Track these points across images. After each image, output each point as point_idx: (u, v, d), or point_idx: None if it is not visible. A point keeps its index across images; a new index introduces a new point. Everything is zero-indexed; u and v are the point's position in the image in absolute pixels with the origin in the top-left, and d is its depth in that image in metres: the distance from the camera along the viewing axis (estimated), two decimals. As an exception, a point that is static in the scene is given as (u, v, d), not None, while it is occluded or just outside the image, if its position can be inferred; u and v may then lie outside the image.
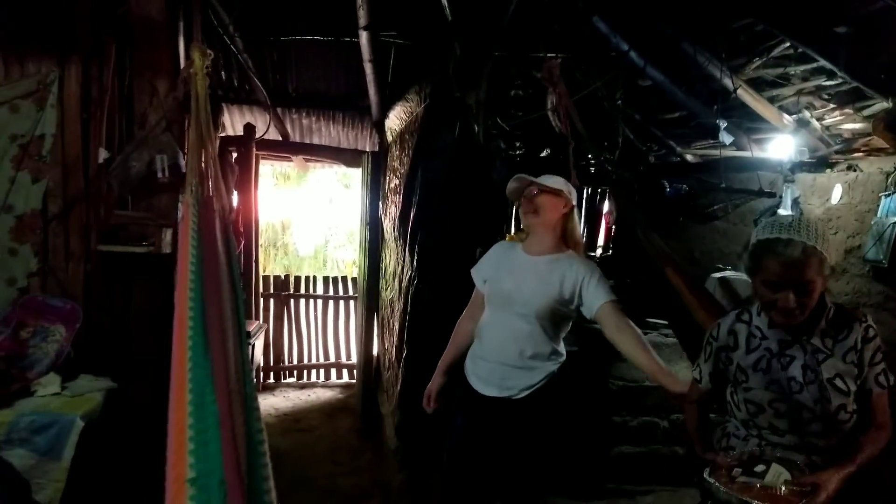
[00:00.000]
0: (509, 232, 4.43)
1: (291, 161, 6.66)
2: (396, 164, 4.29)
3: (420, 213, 3.57)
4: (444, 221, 3.48)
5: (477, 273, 2.71)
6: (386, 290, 4.62)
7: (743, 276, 3.83)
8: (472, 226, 3.59)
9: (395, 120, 4.38)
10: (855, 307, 3.76)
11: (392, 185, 4.41)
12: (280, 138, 6.10)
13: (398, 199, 4.04)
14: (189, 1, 3.62)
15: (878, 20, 3.00)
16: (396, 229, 4.07)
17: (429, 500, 3.62)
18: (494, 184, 3.96)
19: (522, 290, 2.48)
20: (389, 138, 4.84)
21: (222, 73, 5.34)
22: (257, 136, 5.85)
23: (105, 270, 3.53)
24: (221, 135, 5.73)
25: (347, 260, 12.21)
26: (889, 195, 3.68)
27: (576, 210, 2.60)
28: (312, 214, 11.50)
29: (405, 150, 4.01)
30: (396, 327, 3.94)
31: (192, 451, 1.42)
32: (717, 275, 3.84)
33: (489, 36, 3.68)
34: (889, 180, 3.73)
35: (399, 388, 3.75)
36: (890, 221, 3.60)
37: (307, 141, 6.23)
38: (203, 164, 2.17)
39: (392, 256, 4.38)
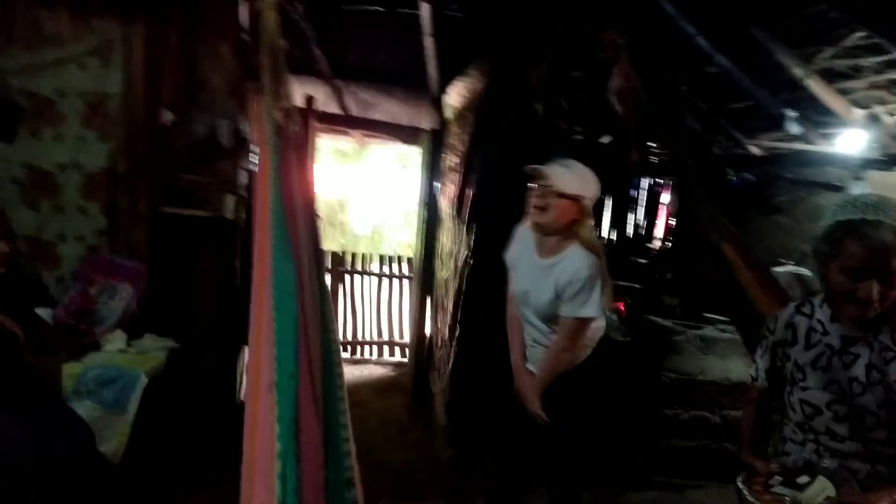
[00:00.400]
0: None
1: (349, 136, 6.71)
2: (455, 141, 4.28)
3: (478, 193, 3.57)
4: (501, 202, 3.46)
5: (508, 259, 2.65)
6: (441, 269, 4.64)
7: (805, 270, 3.71)
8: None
9: (456, 97, 4.37)
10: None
11: (450, 164, 4.41)
12: (339, 112, 6.13)
13: (456, 178, 4.05)
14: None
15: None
16: (454, 209, 4.08)
17: (475, 476, 3.65)
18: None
19: (533, 294, 2.45)
20: (449, 115, 4.83)
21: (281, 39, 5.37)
22: (318, 107, 5.89)
23: (170, 233, 3.62)
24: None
25: (403, 241, 12.27)
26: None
27: (592, 218, 2.44)
28: (370, 193, 11.56)
29: (465, 128, 4.01)
30: (450, 307, 3.96)
31: (276, 356, 1.41)
32: (781, 269, 3.73)
33: (553, 13, 3.63)
34: (968, 179, 3.55)
35: (451, 366, 3.78)
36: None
37: (365, 116, 6.25)
38: (277, 92, 2.15)
39: (448, 236, 4.39)
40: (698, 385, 3.90)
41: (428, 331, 5.48)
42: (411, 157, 11.47)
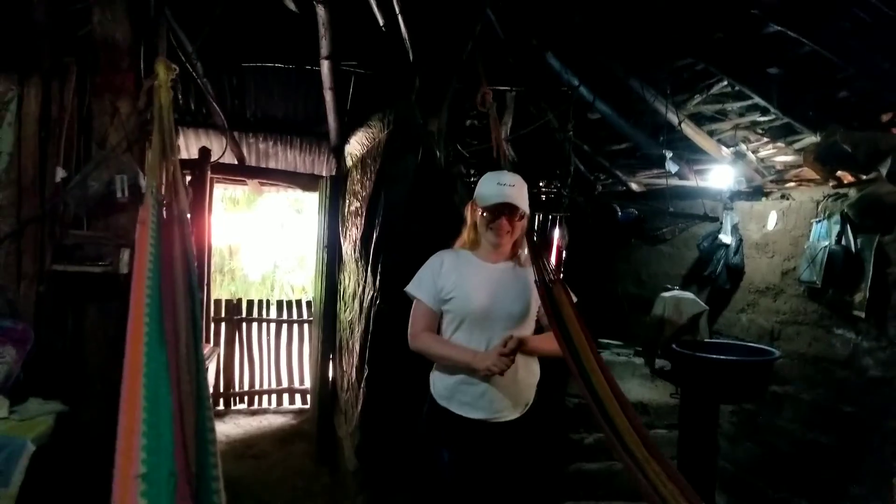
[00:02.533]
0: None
1: (246, 185, 6.67)
2: (357, 187, 4.37)
3: (383, 235, 3.65)
4: (406, 243, 3.56)
5: (425, 289, 2.53)
6: (344, 311, 4.66)
7: (689, 294, 4.03)
8: (433, 248, 3.68)
9: (356, 145, 4.47)
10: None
11: (352, 209, 4.48)
12: (236, 162, 6.11)
13: (360, 221, 4.11)
14: (152, 24, 3.68)
15: (806, 62, 3.27)
16: (358, 251, 4.14)
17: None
18: (455, 207, 4.10)
19: (502, 301, 2.42)
20: (349, 163, 4.92)
21: (179, 96, 5.36)
22: (213, 159, 5.85)
23: (58, 291, 3.48)
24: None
25: (297, 284, 12.13)
26: (819, 221, 3.94)
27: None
28: (262, 239, 11.39)
29: (367, 174, 4.09)
30: (357, 348, 3.98)
31: (144, 447, 1.44)
32: (667, 294, 4.03)
33: (450, 67, 3.82)
34: (819, 208, 4.00)
35: (360, 408, 3.78)
36: (821, 245, 3.86)
37: (263, 165, 6.26)
38: (165, 175, 2.21)
39: (351, 278, 4.43)
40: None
41: (331, 374, 5.45)
42: (305, 201, 11.47)
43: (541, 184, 6.22)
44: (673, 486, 2.24)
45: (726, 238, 4.52)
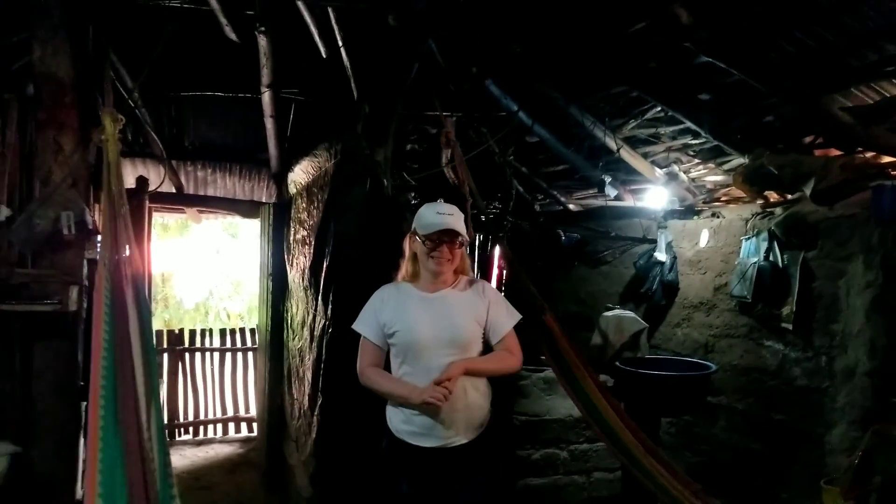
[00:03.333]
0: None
1: (185, 213, 6.58)
2: (304, 216, 4.40)
3: (333, 264, 3.70)
4: (357, 272, 3.62)
5: (367, 325, 2.61)
6: (293, 339, 4.67)
7: (629, 313, 4.23)
8: (383, 276, 3.76)
9: (301, 173, 4.51)
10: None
11: (299, 237, 4.51)
12: (174, 190, 6.04)
13: (308, 250, 4.15)
14: (93, 58, 3.67)
15: (734, 90, 3.52)
16: (307, 279, 4.17)
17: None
18: (404, 235, 4.19)
19: (446, 328, 2.47)
20: (293, 191, 4.95)
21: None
22: (151, 188, 5.76)
23: (4, 330, 3.40)
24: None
25: (234, 311, 11.95)
26: (748, 238, 4.21)
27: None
28: (196, 266, 11.18)
29: (314, 202, 4.14)
30: (309, 376, 4.01)
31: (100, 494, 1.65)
32: (609, 313, 4.22)
33: (394, 96, 3.93)
34: (748, 225, 4.28)
35: (314, 435, 3.81)
36: (751, 262, 4.12)
37: (201, 193, 6.18)
38: (115, 232, 2.26)
39: (300, 306, 4.46)
40: (546, 424, 4.20)
41: (280, 402, 5.43)
42: (241, 226, 11.32)
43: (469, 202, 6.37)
44: (675, 482, 2.49)
45: (661, 256, 4.77)
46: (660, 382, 3.47)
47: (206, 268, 11.39)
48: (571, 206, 5.87)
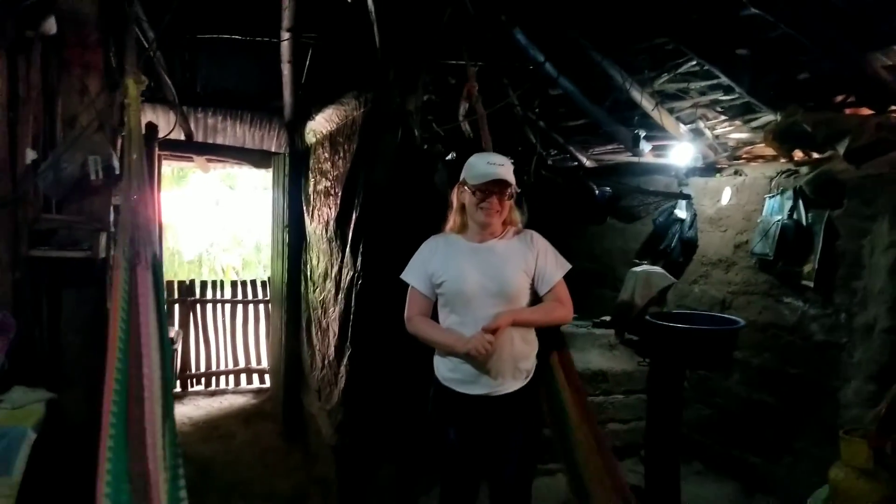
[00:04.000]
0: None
1: (193, 161, 6.49)
2: (326, 166, 4.35)
3: (363, 216, 3.68)
4: (388, 224, 3.61)
5: (416, 275, 2.61)
6: (314, 291, 4.66)
7: (658, 269, 4.26)
8: (414, 227, 3.74)
9: (323, 122, 4.44)
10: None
11: (321, 188, 4.47)
12: (183, 138, 5.93)
13: (333, 201, 4.11)
14: None
15: (774, 45, 3.48)
16: (331, 231, 4.14)
17: (372, 492, 3.76)
18: (436, 186, 4.16)
19: (494, 278, 2.47)
20: (312, 140, 4.88)
21: (123, 68, 5.15)
22: (161, 135, 5.66)
23: (34, 277, 3.37)
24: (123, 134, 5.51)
25: (230, 264, 11.86)
26: (772, 196, 4.22)
27: None
28: (195, 217, 11.05)
29: (339, 153, 4.09)
30: (335, 327, 4.01)
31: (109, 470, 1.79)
32: (638, 269, 4.24)
33: (424, 44, 3.85)
34: (772, 184, 4.28)
35: (343, 385, 3.84)
36: (774, 220, 4.14)
37: (210, 141, 6.08)
38: (135, 208, 2.22)
39: (322, 258, 4.44)
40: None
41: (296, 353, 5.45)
42: (239, 178, 11.20)
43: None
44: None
45: (681, 213, 4.77)
46: (692, 336, 3.50)
47: (206, 219, 11.25)
48: (587, 162, 5.84)
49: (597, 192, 5.20)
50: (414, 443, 3.94)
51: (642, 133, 4.36)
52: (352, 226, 3.78)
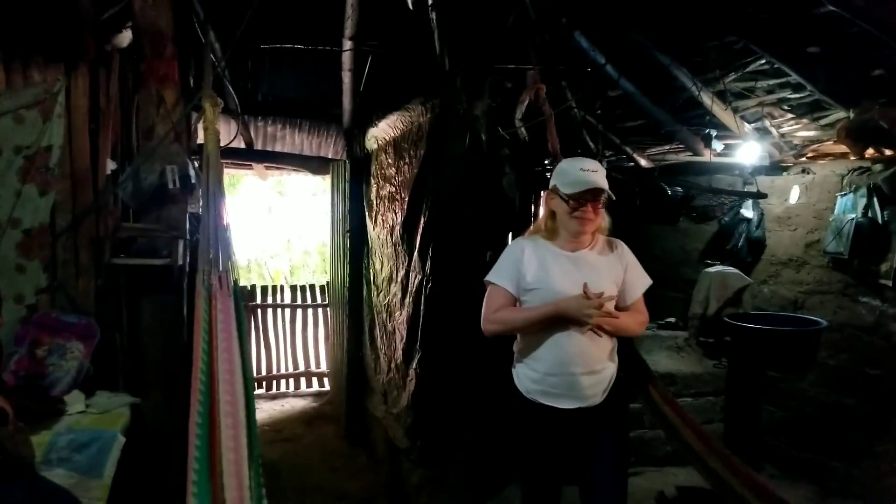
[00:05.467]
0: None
1: (252, 169, 6.60)
2: (390, 171, 4.39)
3: (432, 220, 3.69)
4: (457, 227, 3.63)
5: (506, 276, 2.49)
6: (378, 295, 4.70)
7: (733, 269, 4.18)
8: (482, 231, 3.75)
9: (386, 129, 4.48)
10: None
11: (384, 193, 4.50)
12: (243, 146, 6.04)
13: (399, 206, 4.14)
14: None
15: (848, 42, 3.40)
16: (397, 235, 4.17)
17: (446, 494, 3.77)
18: (503, 191, 4.17)
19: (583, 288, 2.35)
20: (373, 146, 4.93)
21: (192, 79, 5.28)
22: (223, 144, 5.77)
23: (114, 284, 3.47)
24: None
25: (279, 269, 12.02)
26: (844, 195, 4.12)
27: None
28: (248, 223, 11.24)
29: (404, 158, 4.12)
30: (403, 331, 4.03)
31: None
32: (712, 269, 4.17)
33: (489, 49, 3.86)
34: (844, 182, 4.18)
35: (413, 389, 3.86)
36: (848, 218, 4.04)
37: (269, 148, 6.18)
38: (213, 230, 2.25)
39: (387, 262, 4.47)
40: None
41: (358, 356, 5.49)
42: (290, 184, 11.36)
43: (546, 162, 6.32)
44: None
45: (748, 212, 4.68)
46: (775, 337, 3.43)
47: (258, 226, 11.43)
48: (643, 163, 5.77)
49: (669, 192, 5.12)
50: (483, 446, 3.94)
51: (714, 133, 4.29)
52: (420, 230, 3.80)
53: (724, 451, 2.60)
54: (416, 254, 3.87)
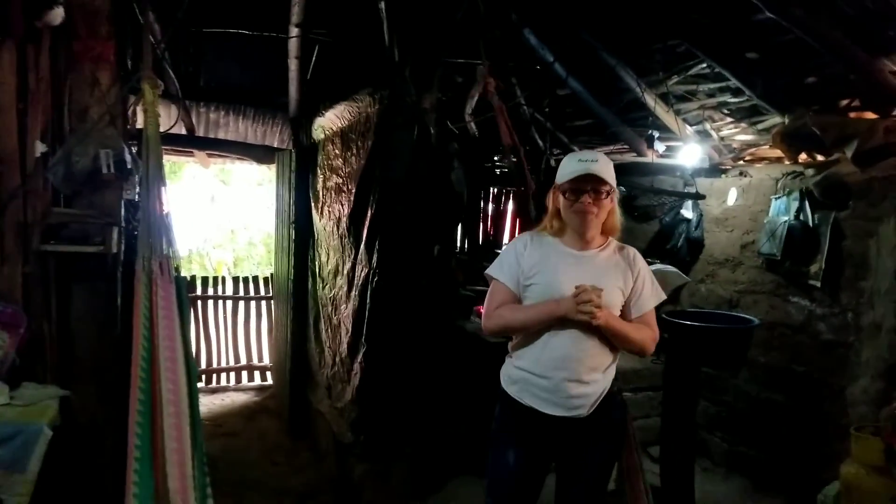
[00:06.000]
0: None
1: (193, 156, 6.43)
2: (337, 162, 4.33)
3: (379, 213, 3.66)
4: (404, 221, 3.61)
5: (506, 271, 2.39)
6: (324, 288, 4.64)
7: (672, 268, 4.28)
8: (430, 225, 3.74)
9: (334, 119, 4.41)
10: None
11: (331, 184, 4.44)
12: (184, 132, 5.87)
13: (346, 198, 4.09)
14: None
15: (784, 49, 3.51)
16: (343, 228, 4.12)
17: (390, 489, 3.75)
18: (451, 184, 4.16)
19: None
20: (320, 136, 4.85)
21: (129, 61, 5.11)
22: (163, 129, 5.59)
23: (43, 272, 3.32)
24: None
25: (222, 261, 11.75)
26: (778, 198, 4.26)
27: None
28: (189, 213, 10.94)
29: (351, 149, 4.07)
30: (348, 324, 3.99)
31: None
32: (652, 267, 4.24)
33: (439, 42, 3.84)
34: (778, 185, 4.32)
35: (358, 383, 3.82)
36: (781, 220, 4.18)
37: (212, 136, 6.03)
38: (152, 212, 2.19)
39: (333, 255, 4.41)
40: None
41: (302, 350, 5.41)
42: (234, 174, 11.12)
43: (495, 158, 6.36)
44: None
45: (688, 213, 4.80)
46: (710, 334, 3.53)
47: (200, 215, 11.13)
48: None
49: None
50: (428, 441, 3.94)
51: (657, 134, 4.38)
52: (367, 223, 3.77)
53: None
54: (362, 246, 3.83)
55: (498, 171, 6.41)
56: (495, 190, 6.60)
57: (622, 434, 2.53)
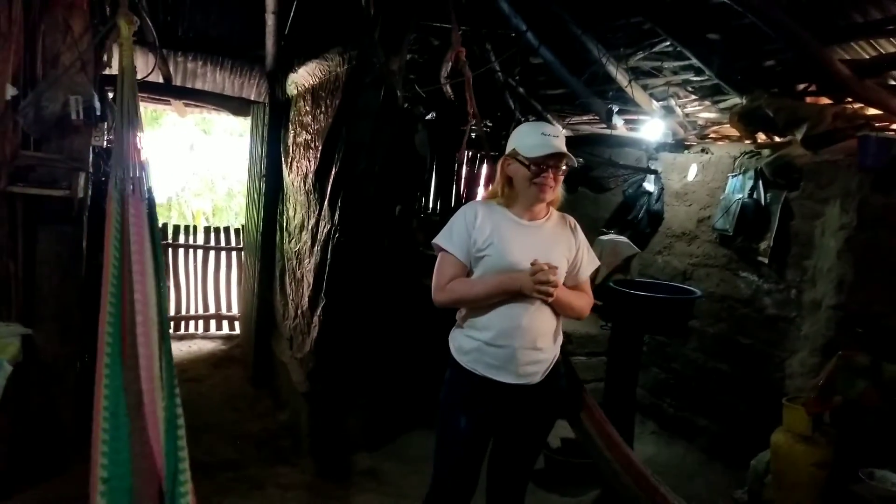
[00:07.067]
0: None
1: (170, 105, 6.44)
2: (307, 119, 4.39)
3: (343, 171, 3.75)
4: (367, 180, 3.70)
5: (456, 241, 2.36)
6: (290, 241, 4.74)
7: (624, 238, 4.42)
8: (393, 185, 3.85)
9: (306, 76, 4.46)
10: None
11: (301, 140, 4.51)
12: (161, 80, 5.88)
13: (313, 154, 4.17)
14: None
15: (742, 33, 3.61)
16: (310, 184, 4.21)
17: (344, 438, 3.93)
18: (415, 146, 4.24)
19: (540, 259, 2.27)
20: (294, 92, 4.90)
21: (107, 7, 5.09)
22: (139, 76, 5.60)
23: (10, 213, 3.40)
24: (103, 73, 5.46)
25: (201, 209, 11.76)
26: (735, 175, 4.40)
27: None
28: (168, 161, 10.90)
29: (321, 107, 4.14)
30: (310, 278, 4.11)
31: (104, 454, 1.79)
32: (605, 237, 4.40)
33: (412, 5, 3.88)
34: (736, 163, 4.46)
35: (315, 335, 3.95)
36: (735, 197, 4.32)
37: (189, 85, 6.03)
38: (127, 144, 2.25)
39: (299, 209, 4.51)
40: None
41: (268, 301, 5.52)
42: (215, 123, 11.08)
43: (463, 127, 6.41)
44: None
45: (649, 186, 4.93)
46: (651, 304, 3.69)
47: (179, 163, 11.10)
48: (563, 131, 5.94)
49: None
50: (382, 393, 4.10)
51: (615, 108, 4.47)
52: (331, 180, 3.86)
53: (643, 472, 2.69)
54: (326, 203, 3.93)
55: (474, 135, 6.47)
56: (469, 153, 6.68)
57: (564, 404, 2.65)
